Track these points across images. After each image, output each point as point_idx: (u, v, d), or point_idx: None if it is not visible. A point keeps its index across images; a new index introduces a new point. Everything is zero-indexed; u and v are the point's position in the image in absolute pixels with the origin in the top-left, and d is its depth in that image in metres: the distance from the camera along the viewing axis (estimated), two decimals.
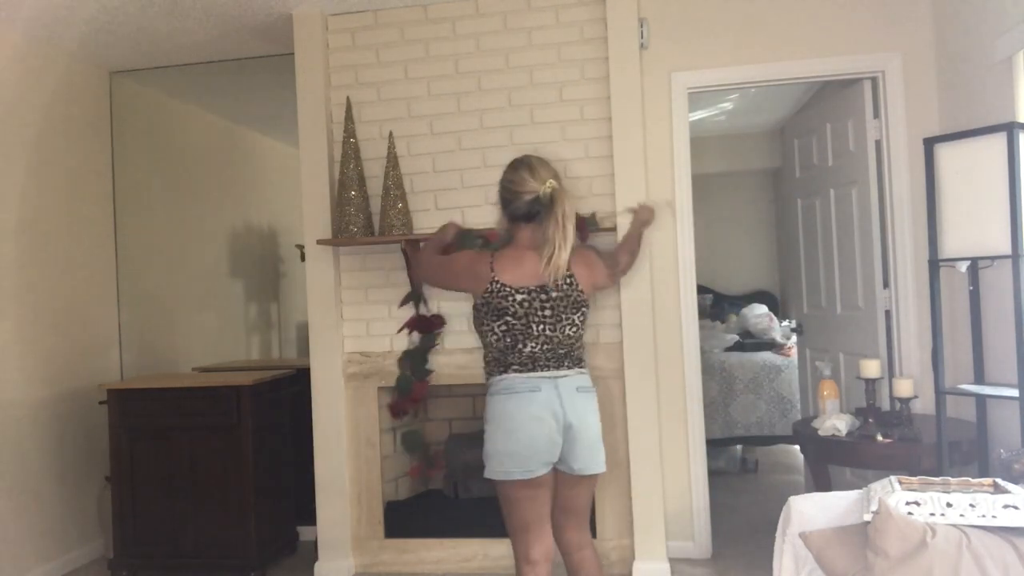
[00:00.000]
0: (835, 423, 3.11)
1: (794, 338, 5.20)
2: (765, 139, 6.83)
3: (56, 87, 3.98)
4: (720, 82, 3.71)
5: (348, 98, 3.64)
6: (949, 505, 1.97)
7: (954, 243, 2.77)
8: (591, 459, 2.47)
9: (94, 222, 4.23)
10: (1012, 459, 2.48)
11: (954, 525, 1.94)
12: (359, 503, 3.68)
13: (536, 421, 2.37)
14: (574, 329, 2.50)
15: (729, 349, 5.70)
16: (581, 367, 2.52)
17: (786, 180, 4.87)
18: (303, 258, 3.87)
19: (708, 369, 5.18)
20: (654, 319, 3.53)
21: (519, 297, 2.43)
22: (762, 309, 6.32)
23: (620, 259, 2.99)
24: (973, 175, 2.68)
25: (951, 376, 3.34)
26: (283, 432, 3.94)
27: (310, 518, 3.78)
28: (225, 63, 4.25)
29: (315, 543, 3.72)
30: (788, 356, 5.37)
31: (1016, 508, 1.93)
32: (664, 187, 3.67)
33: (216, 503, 3.62)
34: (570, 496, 2.53)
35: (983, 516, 1.93)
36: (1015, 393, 2.64)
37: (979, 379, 2.98)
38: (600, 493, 3.52)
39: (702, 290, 6.86)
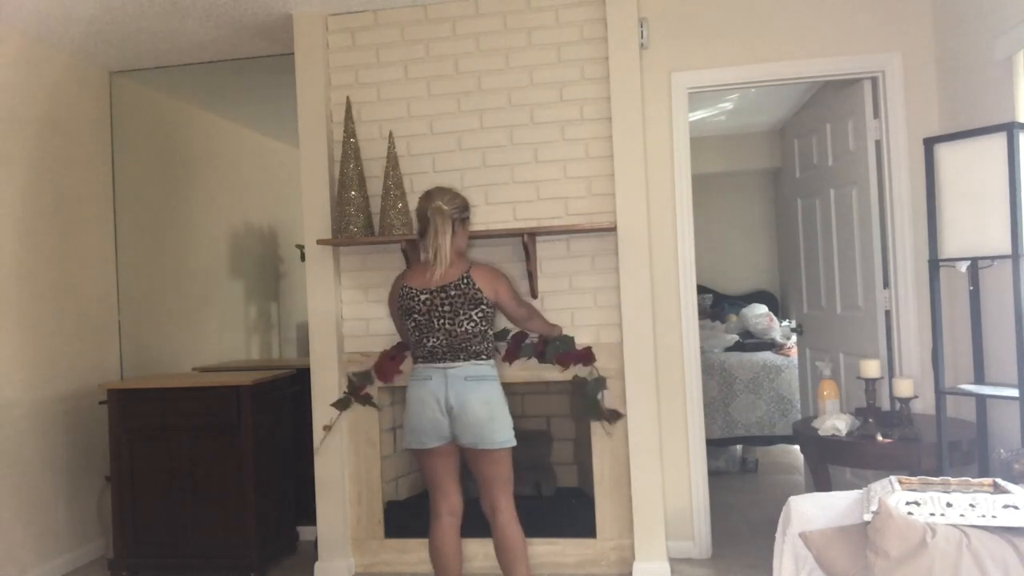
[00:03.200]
0: (835, 423, 3.12)
1: (794, 338, 5.20)
2: (765, 139, 6.83)
3: (56, 87, 3.98)
4: (720, 82, 3.71)
5: (348, 98, 3.64)
6: (949, 505, 1.97)
7: (954, 243, 2.77)
8: (477, 437, 2.84)
9: (94, 222, 4.23)
10: (1012, 459, 2.48)
11: (954, 525, 1.94)
12: (359, 503, 3.69)
13: (422, 404, 2.87)
14: (472, 324, 2.88)
15: (729, 349, 5.70)
16: (478, 359, 2.90)
17: (786, 180, 4.87)
18: (303, 258, 3.87)
19: (708, 369, 5.18)
20: (654, 319, 3.53)
21: (423, 297, 2.90)
22: (762, 309, 6.31)
23: (531, 311, 3.22)
24: (973, 175, 2.68)
25: (951, 376, 3.34)
26: (283, 432, 3.94)
27: (310, 518, 3.78)
28: (225, 63, 4.25)
29: (315, 543, 3.73)
30: (788, 356, 5.37)
31: (1016, 508, 1.93)
32: (664, 187, 3.67)
33: (216, 503, 3.62)
34: (472, 466, 2.94)
35: (983, 516, 1.93)
36: (1015, 393, 2.64)
37: (979, 379, 2.98)
38: (600, 493, 3.52)
39: (702, 290, 6.87)
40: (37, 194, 3.84)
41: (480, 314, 2.89)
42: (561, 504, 3.66)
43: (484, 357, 2.92)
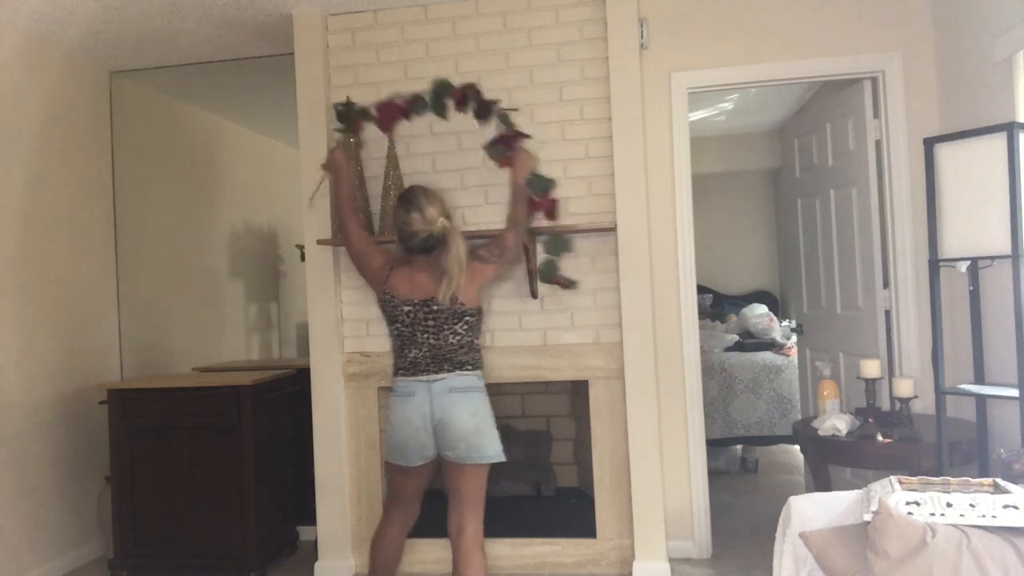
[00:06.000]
0: (835, 423, 3.12)
1: (794, 338, 5.20)
2: (765, 139, 6.84)
3: (56, 87, 3.98)
4: (720, 82, 3.71)
5: (348, 98, 3.64)
6: (949, 505, 1.97)
7: (954, 243, 2.77)
8: (464, 450, 2.71)
9: (94, 222, 4.23)
10: (1012, 459, 2.48)
11: (954, 525, 1.94)
12: (359, 503, 3.68)
13: (407, 423, 2.73)
14: (456, 337, 2.77)
15: (729, 349, 5.70)
16: (463, 370, 2.77)
17: (786, 180, 4.87)
18: (303, 258, 3.87)
19: (708, 369, 5.17)
20: (654, 319, 3.53)
21: (406, 309, 2.76)
22: (762, 309, 6.32)
23: (506, 235, 2.88)
24: (973, 175, 2.68)
25: (951, 376, 3.34)
26: (283, 432, 3.94)
27: (310, 518, 3.78)
28: (225, 63, 4.25)
29: (315, 543, 3.73)
30: (788, 356, 5.37)
31: (1016, 508, 1.93)
32: (664, 187, 3.67)
33: (216, 503, 3.62)
34: (449, 479, 2.80)
35: (983, 516, 1.93)
36: (1015, 393, 2.64)
37: (979, 379, 2.98)
38: (600, 493, 3.52)
39: (702, 290, 6.88)
40: (37, 194, 3.83)
41: (465, 326, 2.77)
42: (561, 504, 3.67)
43: (470, 368, 2.79)
